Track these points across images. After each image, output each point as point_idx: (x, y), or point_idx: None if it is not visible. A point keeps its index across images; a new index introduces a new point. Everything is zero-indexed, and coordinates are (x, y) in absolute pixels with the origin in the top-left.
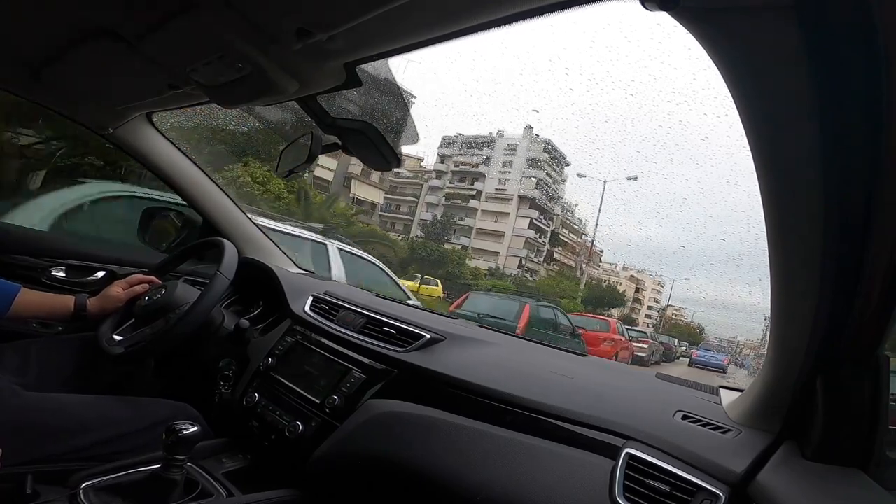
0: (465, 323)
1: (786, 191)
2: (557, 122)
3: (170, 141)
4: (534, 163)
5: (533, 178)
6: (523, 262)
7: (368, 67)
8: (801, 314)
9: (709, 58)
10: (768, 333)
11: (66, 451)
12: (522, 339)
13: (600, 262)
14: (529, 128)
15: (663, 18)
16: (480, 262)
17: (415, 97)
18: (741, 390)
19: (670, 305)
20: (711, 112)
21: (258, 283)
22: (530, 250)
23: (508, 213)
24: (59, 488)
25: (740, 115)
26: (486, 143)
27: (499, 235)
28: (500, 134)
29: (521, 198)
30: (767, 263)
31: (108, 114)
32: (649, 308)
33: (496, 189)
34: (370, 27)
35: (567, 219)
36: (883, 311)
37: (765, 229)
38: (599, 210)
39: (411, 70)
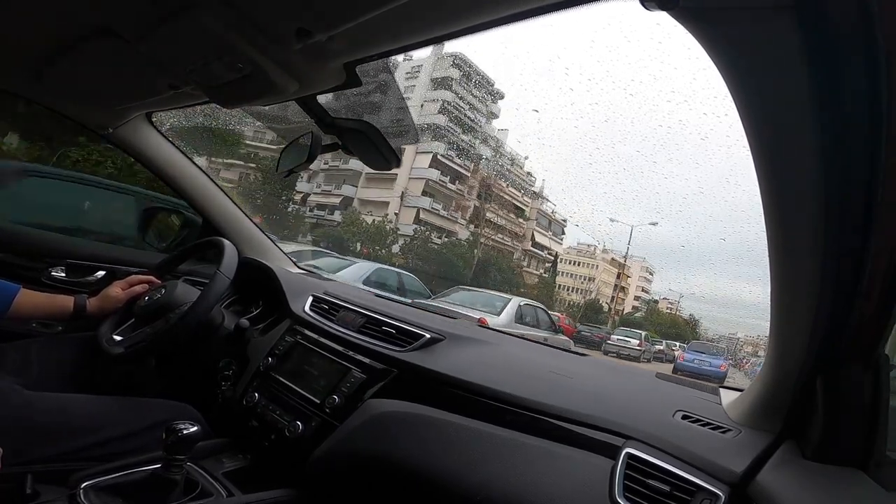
0: (465, 323)
1: (786, 191)
2: (557, 122)
3: (170, 141)
4: (440, 83)
5: (437, 101)
6: (421, 215)
7: (368, 67)
8: (801, 314)
9: (709, 58)
10: (768, 333)
11: (66, 451)
12: (523, 339)
13: (563, 233)
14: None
15: (663, 18)
16: (369, 217)
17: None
18: (741, 390)
19: (664, 299)
20: (711, 112)
21: (258, 283)
22: (434, 198)
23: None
24: (59, 488)
25: (740, 115)
26: (385, 68)
27: (392, 180)
28: (408, 58)
29: (419, 127)
30: (767, 262)
31: (108, 114)
32: (636, 298)
33: None
34: (370, 27)
35: (502, 166)
36: (883, 311)
37: (765, 229)
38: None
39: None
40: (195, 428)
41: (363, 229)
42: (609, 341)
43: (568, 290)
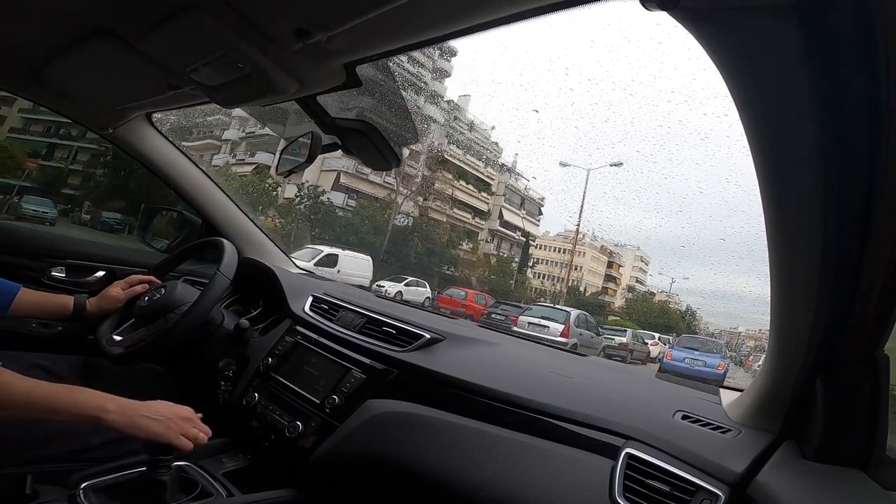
0: (466, 323)
1: (786, 191)
2: (557, 122)
3: (170, 141)
4: None
5: None
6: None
7: (368, 67)
8: (801, 314)
9: (709, 58)
10: (769, 333)
11: (65, 452)
12: (523, 339)
13: (539, 213)
14: None
15: (663, 18)
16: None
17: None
18: (741, 390)
19: (662, 292)
20: (711, 112)
21: (258, 283)
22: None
23: None
24: (59, 488)
25: (740, 115)
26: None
27: None
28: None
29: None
30: (767, 262)
31: (108, 114)
32: (630, 290)
33: None
34: (370, 27)
35: (458, 131)
36: (883, 311)
37: (765, 229)
38: None
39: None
40: None
41: (233, 188)
42: (517, 326)
43: (553, 279)
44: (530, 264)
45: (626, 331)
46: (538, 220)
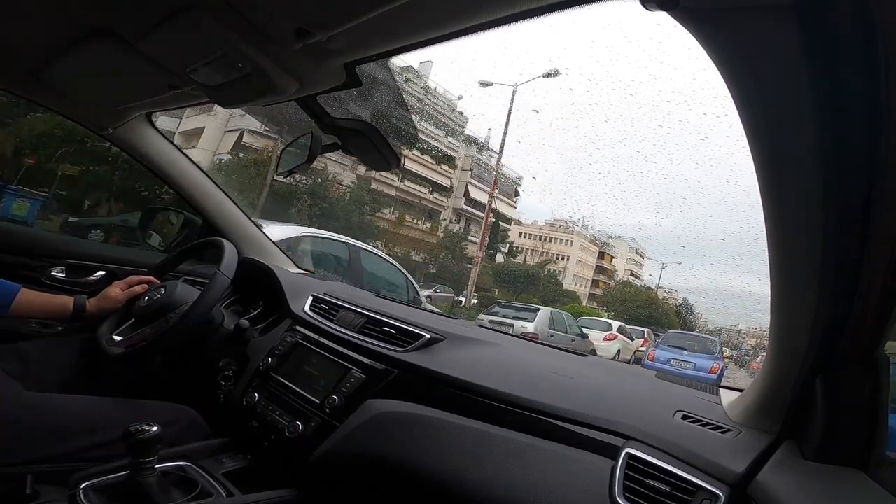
0: (466, 323)
1: (785, 191)
2: (557, 121)
3: (170, 141)
4: None
5: None
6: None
7: (368, 67)
8: (801, 314)
9: (709, 58)
10: (769, 333)
11: (66, 452)
12: (523, 339)
13: (516, 194)
14: None
15: (663, 18)
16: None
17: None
18: (741, 390)
19: (660, 288)
20: (711, 112)
21: (258, 283)
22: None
23: None
24: (59, 488)
25: (740, 115)
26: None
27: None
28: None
29: None
30: (767, 261)
31: (108, 114)
32: (625, 285)
33: None
34: (370, 27)
35: (409, 92)
36: (883, 311)
37: (765, 229)
38: None
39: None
40: (155, 428)
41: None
42: None
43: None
44: (503, 249)
45: (535, 308)
46: (514, 202)
